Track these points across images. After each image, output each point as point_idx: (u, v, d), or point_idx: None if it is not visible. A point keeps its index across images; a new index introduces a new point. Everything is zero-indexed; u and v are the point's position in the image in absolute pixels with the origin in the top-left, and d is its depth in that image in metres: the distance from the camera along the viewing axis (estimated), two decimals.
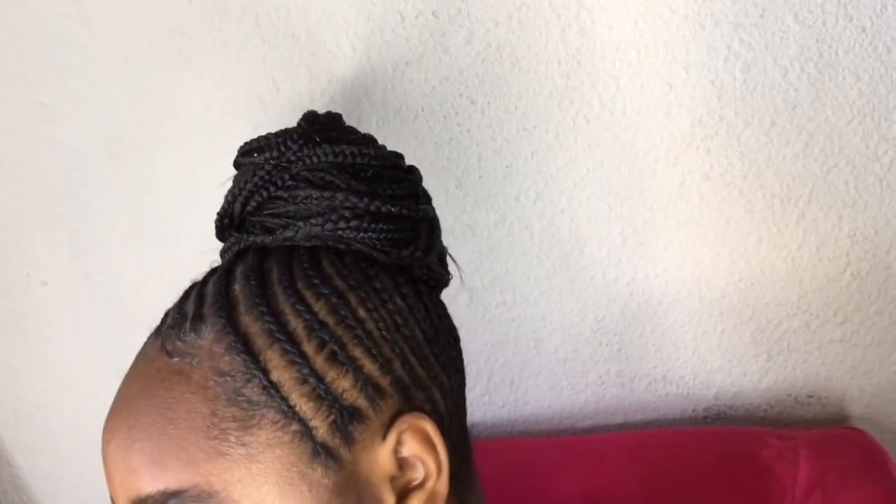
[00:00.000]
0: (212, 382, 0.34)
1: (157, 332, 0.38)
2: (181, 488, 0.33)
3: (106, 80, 0.57)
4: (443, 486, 0.36)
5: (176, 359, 0.35)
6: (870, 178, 0.57)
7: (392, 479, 0.35)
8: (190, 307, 0.37)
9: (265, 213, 0.39)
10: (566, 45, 0.54)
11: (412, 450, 0.35)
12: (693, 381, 0.64)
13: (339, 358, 0.35)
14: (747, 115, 0.56)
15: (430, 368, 0.38)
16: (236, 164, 0.43)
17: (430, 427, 0.36)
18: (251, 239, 0.40)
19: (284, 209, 0.39)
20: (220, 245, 0.61)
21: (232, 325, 0.35)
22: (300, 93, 0.57)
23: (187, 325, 0.36)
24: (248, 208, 0.40)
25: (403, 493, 0.35)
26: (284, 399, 0.33)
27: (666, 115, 0.56)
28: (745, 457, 0.53)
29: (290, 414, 0.33)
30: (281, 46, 0.56)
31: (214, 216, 0.44)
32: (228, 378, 0.34)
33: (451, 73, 0.56)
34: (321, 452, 0.33)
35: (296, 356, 0.34)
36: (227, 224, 0.42)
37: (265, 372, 0.34)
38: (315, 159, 0.39)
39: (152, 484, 0.33)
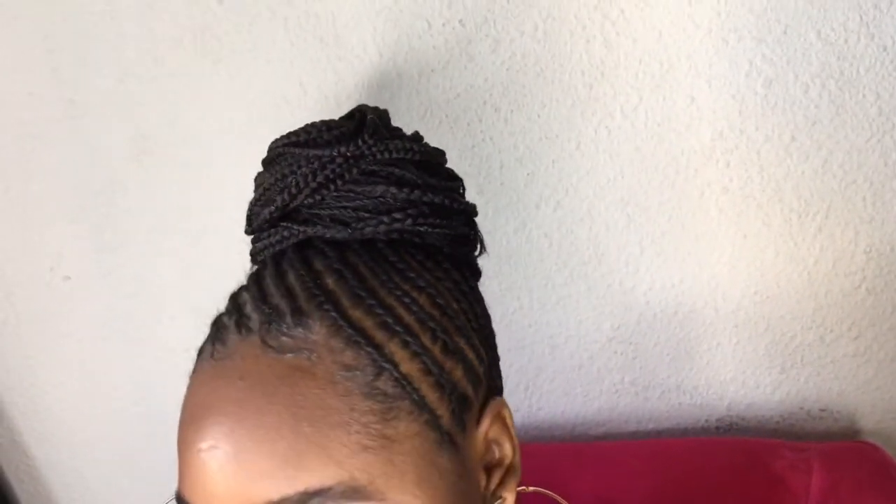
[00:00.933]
0: (339, 377, 0.33)
1: (240, 328, 0.35)
2: (324, 486, 0.32)
3: (134, 79, 0.58)
4: (518, 462, 0.38)
5: (289, 355, 0.33)
6: (887, 195, 0.57)
7: (481, 461, 0.37)
8: (281, 302, 0.35)
9: (335, 206, 0.39)
10: (590, 56, 0.55)
11: (494, 432, 0.38)
12: (706, 392, 0.65)
13: (449, 348, 0.36)
14: (768, 130, 0.56)
15: (495, 356, 0.42)
16: (284, 154, 0.41)
17: (507, 411, 0.38)
18: (317, 231, 0.38)
19: (354, 202, 0.39)
20: (242, 244, 0.62)
21: (344, 319, 0.34)
22: (326, 96, 0.58)
23: (288, 319, 0.34)
24: (311, 200, 0.39)
25: (488, 473, 0.38)
26: (416, 390, 0.34)
27: (687, 127, 0.57)
28: (759, 467, 0.54)
29: (421, 404, 0.34)
30: (309, 50, 0.57)
31: (246, 210, 0.44)
32: (357, 372, 0.33)
33: (476, 80, 0.56)
34: (446, 440, 0.35)
35: (417, 348, 0.35)
36: (277, 216, 0.39)
37: (395, 365, 0.34)
38: (387, 154, 0.39)
39: (289, 485, 0.32)
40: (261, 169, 0.44)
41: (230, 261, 0.63)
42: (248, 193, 0.61)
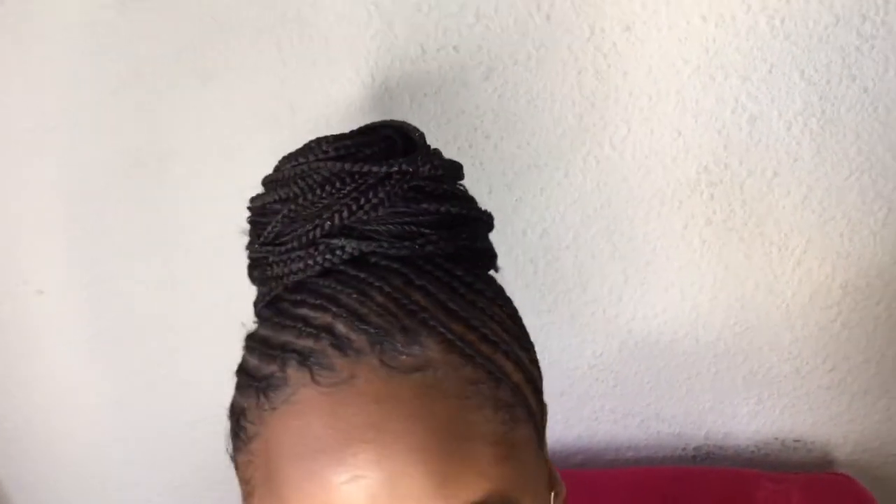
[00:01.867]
0: (469, 391, 0.33)
1: (343, 350, 0.33)
2: (477, 501, 0.31)
3: (122, 92, 0.57)
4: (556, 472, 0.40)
5: (416, 374, 0.32)
6: (864, 231, 0.59)
7: None
8: (380, 320, 0.33)
9: (390, 222, 0.37)
10: (581, 87, 0.56)
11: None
12: (685, 421, 0.66)
13: (531, 356, 0.37)
14: (751, 165, 0.57)
15: None
16: (317, 169, 0.38)
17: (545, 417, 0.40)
18: (377, 247, 0.36)
19: (410, 218, 0.37)
20: (227, 261, 0.61)
21: (452, 334, 0.33)
22: (316, 119, 0.57)
23: (398, 338, 0.33)
24: (367, 216, 0.36)
25: None
26: (526, 398, 0.35)
27: (673, 160, 0.58)
28: (740, 497, 0.55)
29: (530, 411, 0.35)
30: (301, 71, 0.56)
31: (247, 226, 0.43)
32: (482, 385, 0.33)
33: (468, 107, 0.57)
34: (542, 445, 0.36)
35: (516, 359, 0.36)
36: (329, 232, 0.36)
37: (507, 375, 0.34)
38: (433, 172, 0.38)
39: None
40: (254, 185, 0.42)
41: (213, 279, 0.62)
42: (235, 211, 0.60)
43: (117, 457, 0.68)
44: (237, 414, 0.35)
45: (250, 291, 0.63)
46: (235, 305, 0.63)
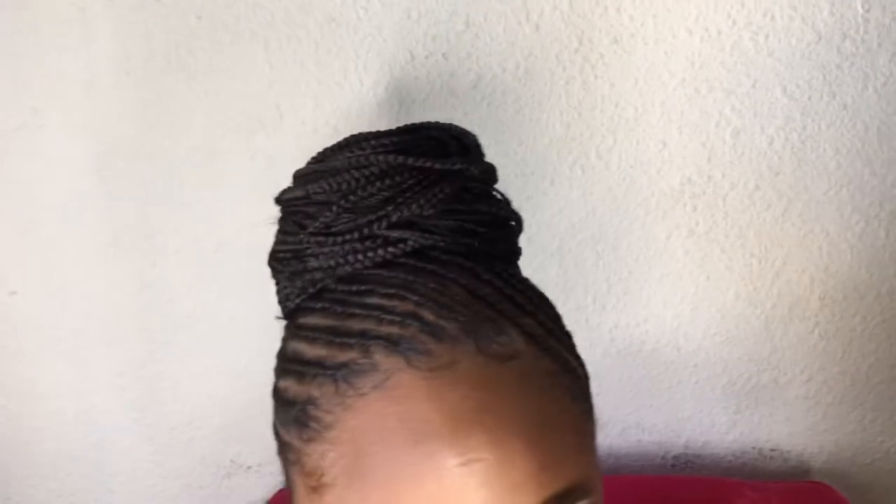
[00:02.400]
0: (550, 382, 0.33)
1: (438, 337, 0.32)
2: (570, 486, 0.31)
3: (103, 90, 0.56)
4: None
5: (510, 362, 0.32)
6: (842, 245, 0.60)
7: None
8: (467, 311, 0.33)
9: (449, 218, 0.37)
10: (569, 97, 0.56)
11: None
12: (665, 429, 0.66)
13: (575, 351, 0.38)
14: (734, 178, 0.58)
15: None
16: (374, 162, 0.37)
17: None
18: (441, 242, 0.36)
19: (464, 217, 0.37)
20: (202, 264, 0.61)
21: (527, 326, 0.34)
22: (303, 121, 0.57)
23: (488, 328, 0.33)
24: (430, 212, 0.36)
25: None
26: (589, 392, 0.36)
27: (658, 171, 0.58)
28: None
29: (591, 404, 0.36)
30: (288, 74, 0.56)
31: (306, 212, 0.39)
32: (559, 377, 0.34)
33: (456, 114, 0.57)
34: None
35: (577, 355, 0.36)
36: (389, 223, 0.36)
37: (574, 369, 0.35)
38: (483, 174, 0.39)
39: (544, 490, 0.31)
40: (237, 186, 0.43)
41: (188, 282, 0.61)
42: (216, 212, 0.59)
43: (94, 458, 0.67)
44: (302, 404, 0.33)
45: (231, 292, 0.63)
46: (215, 307, 0.63)
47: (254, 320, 0.62)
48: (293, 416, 0.33)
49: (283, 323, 0.40)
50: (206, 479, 0.68)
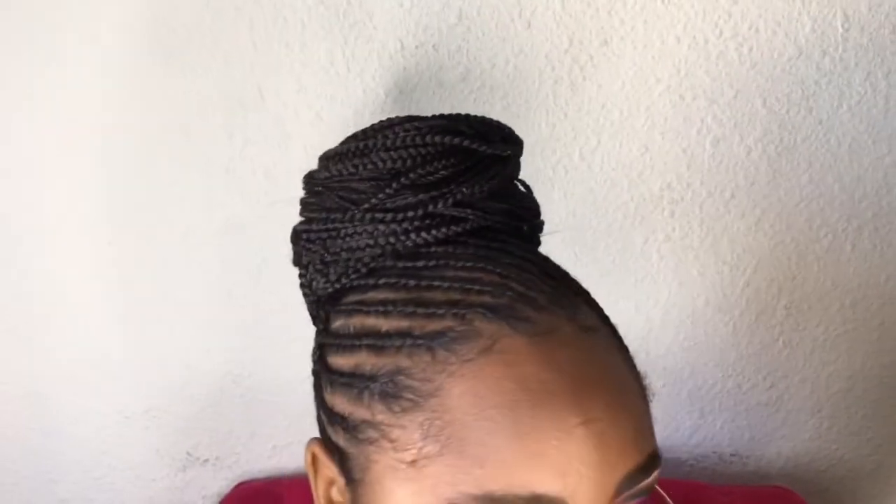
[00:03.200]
0: (624, 356, 0.35)
1: (536, 306, 0.33)
2: (651, 454, 0.33)
3: (73, 65, 0.53)
4: None
5: (597, 333, 0.34)
6: (809, 256, 0.62)
7: None
8: (547, 286, 0.34)
9: (503, 202, 0.38)
10: (556, 97, 0.56)
11: None
12: None
13: None
14: (711, 186, 0.59)
15: None
16: (439, 143, 0.37)
17: None
18: (501, 223, 0.38)
19: (513, 201, 0.39)
20: (181, 248, 0.58)
21: (593, 304, 0.36)
22: (285, 104, 0.55)
23: (566, 300, 0.34)
24: (484, 194, 0.37)
25: None
26: None
27: (640, 175, 0.59)
28: None
29: None
30: (272, 55, 0.54)
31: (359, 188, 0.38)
32: (625, 351, 0.36)
33: (443, 107, 0.56)
34: None
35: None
36: (455, 201, 0.36)
37: (627, 347, 0.37)
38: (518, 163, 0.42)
39: (640, 453, 0.32)
40: (215, 166, 0.41)
41: (152, 263, 0.59)
42: (185, 194, 0.57)
43: (38, 446, 0.63)
44: (388, 375, 0.32)
45: (199, 277, 0.60)
46: (181, 292, 0.60)
47: (221, 308, 0.60)
48: (377, 390, 0.32)
49: (313, 304, 0.39)
50: (160, 471, 0.65)
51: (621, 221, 0.60)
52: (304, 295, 0.40)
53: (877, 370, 0.66)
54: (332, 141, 0.57)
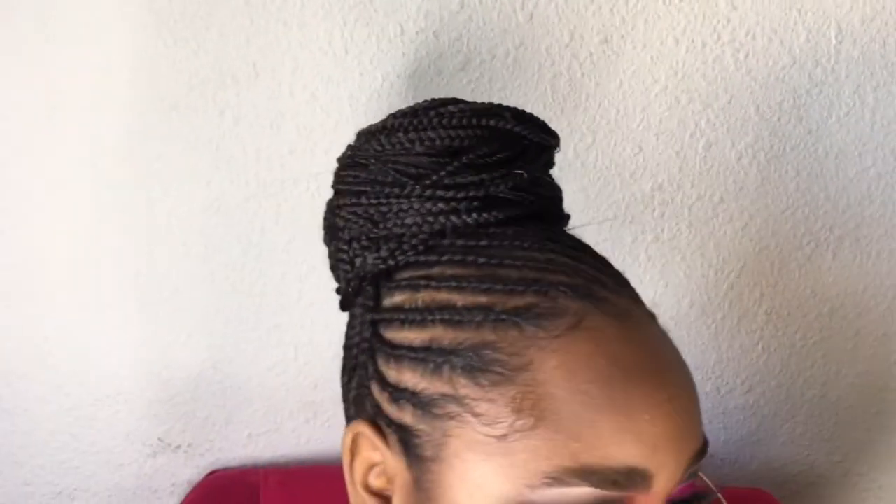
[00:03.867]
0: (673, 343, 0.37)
1: (609, 289, 0.34)
2: (704, 438, 0.34)
3: (55, 29, 0.51)
4: None
5: (655, 319, 0.36)
6: (792, 264, 0.63)
7: None
8: (610, 271, 0.37)
9: (548, 189, 0.40)
10: (554, 92, 0.56)
11: None
12: None
13: None
14: (701, 189, 0.60)
15: None
16: (498, 127, 0.37)
17: None
18: (549, 209, 0.39)
19: (557, 191, 0.41)
20: (148, 224, 0.56)
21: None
22: (280, 82, 0.54)
23: (628, 287, 0.36)
24: (534, 179, 0.38)
25: None
26: None
27: (632, 175, 0.59)
28: None
29: None
30: (269, 32, 0.53)
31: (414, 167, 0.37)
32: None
33: (440, 95, 0.55)
34: None
35: None
36: (517, 184, 0.37)
37: None
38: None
39: (699, 437, 0.34)
40: (201, 140, 0.41)
41: (134, 242, 0.57)
42: (171, 171, 0.55)
43: (4, 427, 0.61)
44: (473, 349, 0.32)
45: (182, 257, 0.58)
46: (163, 272, 0.58)
47: (203, 291, 0.58)
48: (460, 364, 0.32)
49: (354, 280, 0.37)
50: (129, 456, 0.63)
51: (611, 220, 0.60)
52: (342, 271, 0.38)
53: (850, 378, 0.67)
54: (327, 123, 0.56)
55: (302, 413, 0.62)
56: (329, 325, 0.60)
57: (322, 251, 0.59)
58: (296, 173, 0.56)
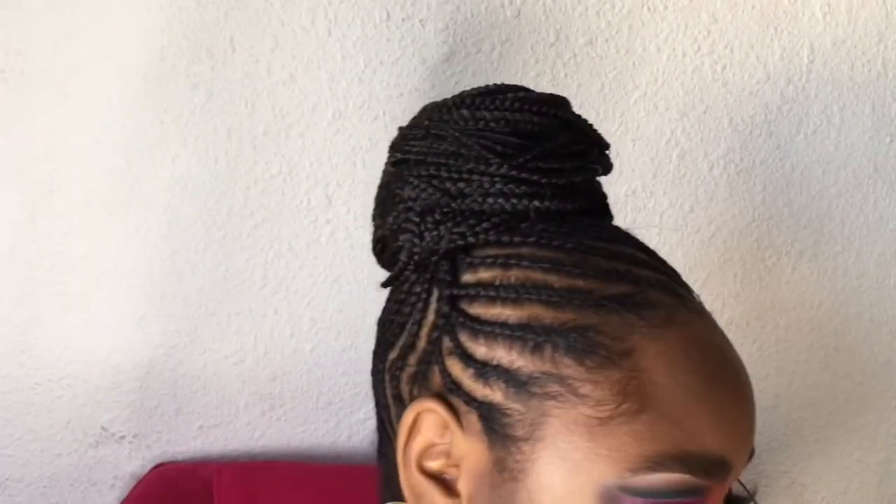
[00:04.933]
0: None
1: (682, 284, 0.36)
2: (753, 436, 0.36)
3: (40, 20, 0.48)
4: None
5: None
6: (754, 275, 0.64)
7: None
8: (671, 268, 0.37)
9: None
10: (536, 90, 0.56)
11: None
12: None
13: None
14: (673, 197, 0.61)
15: None
16: (583, 128, 0.38)
17: None
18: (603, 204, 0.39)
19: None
20: (107, 199, 0.53)
21: None
22: (257, 60, 0.52)
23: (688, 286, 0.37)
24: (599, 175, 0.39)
25: None
26: None
27: (606, 180, 0.59)
28: None
29: None
30: (249, 6, 0.51)
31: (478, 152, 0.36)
32: None
33: (423, 85, 0.55)
34: None
35: None
36: (595, 174, 0.38)
37: None
38: None
39: (754, 435, 0.35)
40: (172, 116, 0.40)
41: (88, 218, 0.54)
42: (134, 144, 0.53)
43: None
44: (579, 330, 0.32)
45: (139, 235, 0.55)
46: (117, 252, 0.55)
47: (162, 272, 0.55)
48: (563, 344, 0.32)
49: (420, 254, 0.35)
50: (68, 445, 0.59)
51: None
52: (407, 244, 0.36)
53: (801, 391, 0.69)
54: (304, 105, 0.55)
55: (258, 406, 0.60)
56: (293, 314, 0.58)
57: (289, 237, 0.58)
58: (269, 155, 0.54)
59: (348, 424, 0.62)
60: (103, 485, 0.60)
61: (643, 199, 0.60)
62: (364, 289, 0.58)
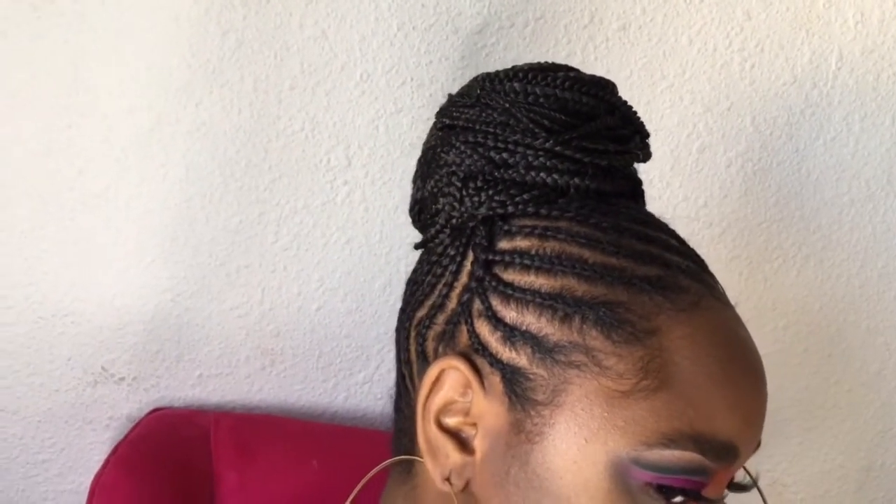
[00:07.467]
0: None
1: (708, 274, 0.38)
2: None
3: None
4: None
5: None
6: (759, 276, 0.65)
7: None
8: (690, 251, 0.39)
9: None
10: None
11: None
12: None
13: None
14: (688, 190, 0.61)
15: None
16: (628, 112, 0.40)
17: None
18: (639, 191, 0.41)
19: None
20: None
21: None
22: (291, 13, 0.52)
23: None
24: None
25: None
26: None
27: None
28: None
29: None
30: None
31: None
32: None
33: (453, 54, 0.54)
34: None
35: None
36: (632, 160, 0.39)
37: None
38: None
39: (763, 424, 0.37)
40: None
41: (103, 154, 0.53)
42: (162, 86, 0.52)
43: None
44: (607, 305, 0.33)
45: (162, 176, 0.54)
46: (132, 190, 0.55)
47: (175, 218, 0.55)
48: (592, 317, 0.33)
49: (459, 218, 0.36)
50: (67, 382, 0.59)
51: None
52: (446, 206, 0.37)
53: (792, 393, 0.70)
54: (333, 63, 0.54)
55: (258, 360, 0.60)
56: (302, 273, 0.58)
57: (305, 195, 0.58)
58: (293, 111, 0.54)
59: (346, 386, 0.62)
60: (98, 424, 0.60)
61: (659, 188, 0.61)
62: (375, 253, 0.58)
